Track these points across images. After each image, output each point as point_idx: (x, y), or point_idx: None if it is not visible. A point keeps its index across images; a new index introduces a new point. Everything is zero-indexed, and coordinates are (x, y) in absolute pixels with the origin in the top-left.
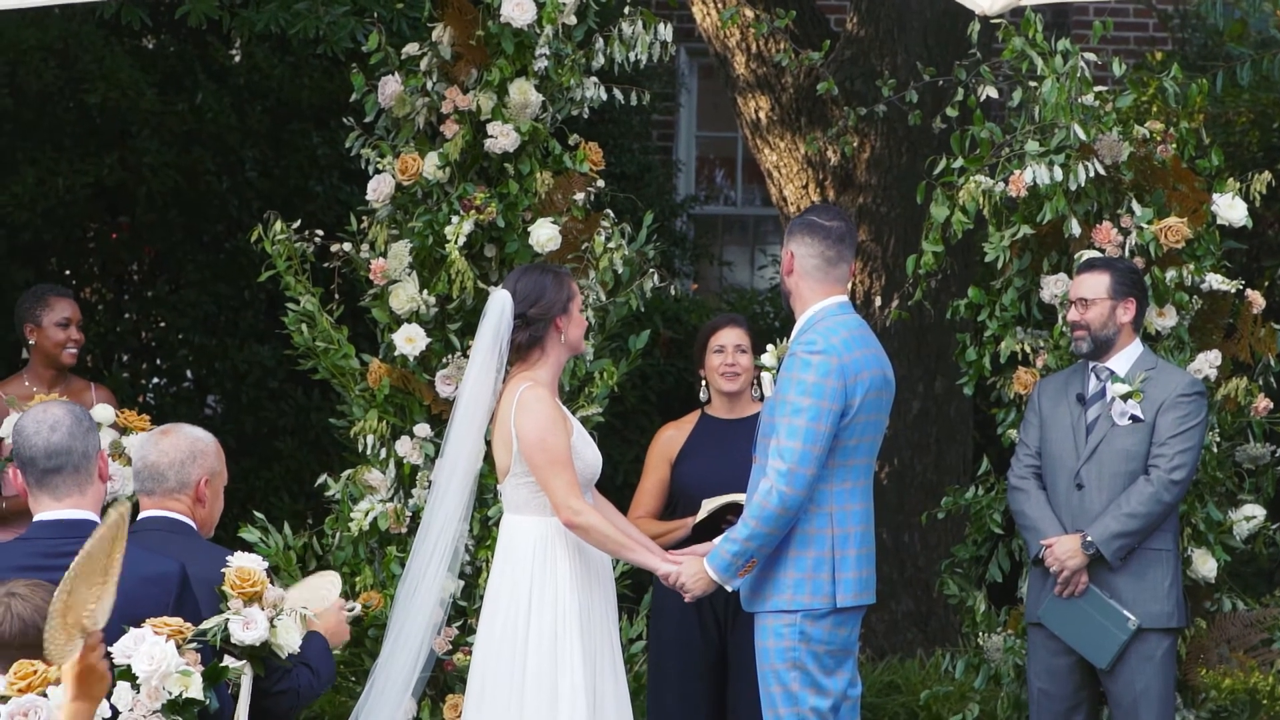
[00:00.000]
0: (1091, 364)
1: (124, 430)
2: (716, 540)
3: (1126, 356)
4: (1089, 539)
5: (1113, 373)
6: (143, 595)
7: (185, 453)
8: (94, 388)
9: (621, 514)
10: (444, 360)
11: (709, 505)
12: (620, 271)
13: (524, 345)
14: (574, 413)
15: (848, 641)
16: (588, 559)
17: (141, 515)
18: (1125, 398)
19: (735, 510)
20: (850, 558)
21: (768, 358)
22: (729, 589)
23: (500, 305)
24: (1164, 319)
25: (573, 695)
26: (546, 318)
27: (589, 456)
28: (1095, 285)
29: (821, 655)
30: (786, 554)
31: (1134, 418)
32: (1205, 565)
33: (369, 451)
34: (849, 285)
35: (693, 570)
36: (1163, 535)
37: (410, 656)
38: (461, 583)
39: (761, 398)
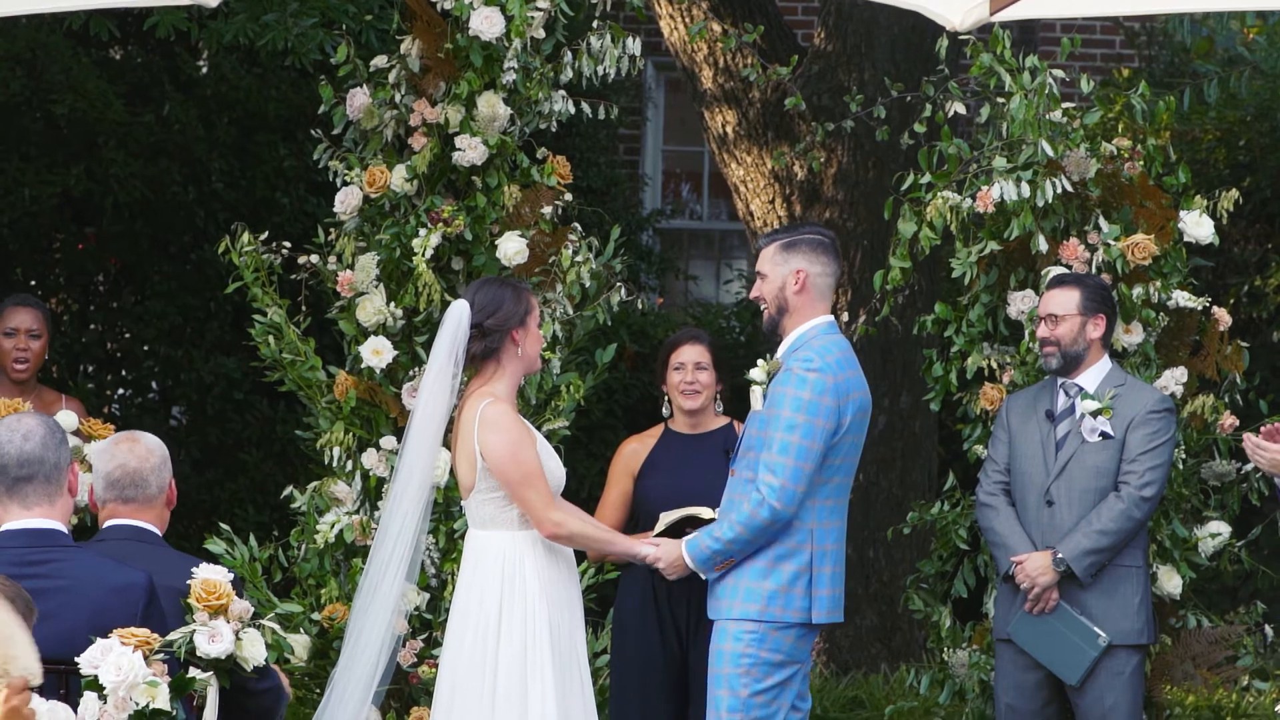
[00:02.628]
0: (1060, 380)
1: (88, 438)
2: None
3: (1096, 373)
4: (1059, 556)
5: (1082, 389)
6: (111, 605)
7: (159, 458)
8: (65, 400)
9: (588, 513)
10: (410, 373)
11: (666, 518)
12: (587, 285)
13: (479, 356)
14: (540, 426)
15: (803, 655)
16: (556, 572)
17: (107, 524)
18: (1095, 414)
19: (693, 523)
20: (825, 575)
21: (757, 373)
22: (703, 577)
23: (458, 315)
24: (1130, 335)
25: (543, 708)
26: (503, 329)
27: (553, 468)
28: (1065, 301)
29: (775, 665)
30: (763, 566)
31: (1104, 434)
32: (1170, 582)
33: (335, 464)
34: None
35: (670, 554)
36: (1132, 552)
37: (369, 665)
38: (427, 595)
39: (724, 412)
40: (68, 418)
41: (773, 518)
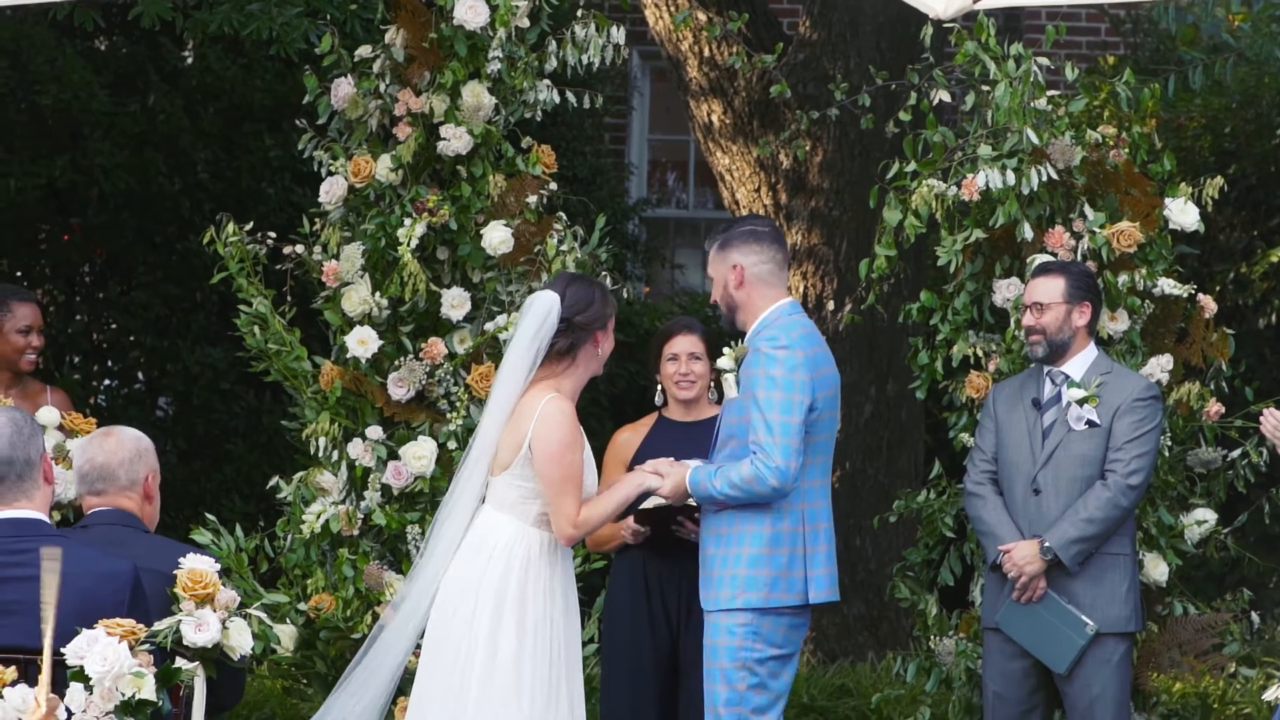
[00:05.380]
0: (1046, 368)
1: (71, 433)
2: (704, 467)
3: (1081, 360)
4: (1047, 544)
5: (1068, 377)
6: (99, 592)
7: (131, 451)
8: (50, 390)
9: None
10: (396, 362)
11: (654, 500)
12: None
13: (562, 352)
14: None
15: (795, 644)
16: (554, 566)
17: (91, 511)
18: (1081, 402)
19: (684, 511)
20: (821, 554)
21: (725, 360)
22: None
23: (546, 306)
24: (1116, 323)
25: (527, 692)
26: (589, 328)
27: (589, 482)
28: (1050, 289)
29: (770, 658)
30: (760, 552)
31: (1090, 422)
32: (1157, 569)
33: (321, 454)
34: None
35: (675, 482)
36: (1120, 539)
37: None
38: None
39: (719, 400)
40: (49, 414)
41: (773, 495)
